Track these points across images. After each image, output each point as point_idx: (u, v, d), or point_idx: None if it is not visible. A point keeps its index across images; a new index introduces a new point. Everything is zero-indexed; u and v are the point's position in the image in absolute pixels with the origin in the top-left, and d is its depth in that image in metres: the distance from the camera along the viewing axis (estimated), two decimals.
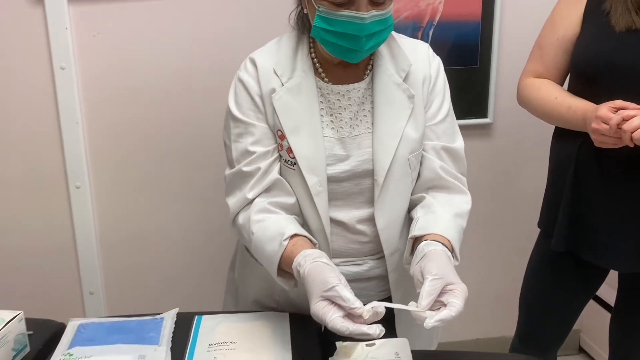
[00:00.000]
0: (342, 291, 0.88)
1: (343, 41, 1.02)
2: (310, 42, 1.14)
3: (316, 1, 1.02)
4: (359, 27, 1.00)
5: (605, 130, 1.14)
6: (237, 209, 1.12)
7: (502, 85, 1.90)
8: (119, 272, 1.88)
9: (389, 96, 1.11)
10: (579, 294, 1.43)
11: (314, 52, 1.13)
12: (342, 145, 1.12)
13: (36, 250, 1.82)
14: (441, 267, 0.93)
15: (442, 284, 0.89)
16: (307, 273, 0.94)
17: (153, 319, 1.13)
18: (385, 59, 1.13)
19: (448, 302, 0.87)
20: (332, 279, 0.90)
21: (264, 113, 1.11)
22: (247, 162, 1.10)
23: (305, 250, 0.98)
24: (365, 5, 1.00)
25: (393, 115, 1.11)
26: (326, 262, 0.96)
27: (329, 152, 1.11)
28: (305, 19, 1.11)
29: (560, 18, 1.37)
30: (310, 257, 0.96)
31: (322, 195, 1.10)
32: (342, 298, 0.87)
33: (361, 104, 1.13)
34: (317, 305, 0.89)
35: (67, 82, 1.68)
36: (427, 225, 1.06)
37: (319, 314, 0.88)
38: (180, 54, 1.71)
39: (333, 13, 1.01)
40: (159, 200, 1.83)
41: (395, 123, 1.11)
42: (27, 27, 1.63)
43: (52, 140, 1.73)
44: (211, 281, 1.91)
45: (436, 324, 0.85)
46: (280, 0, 1.63)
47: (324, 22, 1.02)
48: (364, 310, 0.86)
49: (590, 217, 1.31)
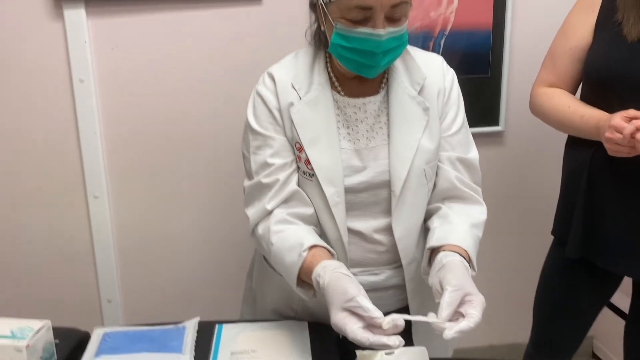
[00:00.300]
0: (363, 301, 0.90)
1: (360, 57, 1.05)
2: (326, 57, 1.16)
3: (334, 19, 1.04)
4: (376, 44, 1.03)
5: (619, 139, 1.15)
6: (257, 219, 1.14)
7: (513, 93, 1.91)
8: (137, 281, 1.91)
9: (404, 109, 1.14)
10: (593, 300, 1.44)
11: (330, 67, 1.16)
12: (359, 156, 1.14)
13: (55, 259, 1.85)
14: (459, 278, 0.95)
15: (461, 295, 0.91)
16: (327, 284, 0.96)
17: (175, 327, 1.15)
18: (400, 72, 1.15)
19: (466, 313, 0.89)
20: (352, 290, 0.92)
21: (282, 126, 1.14)
22: (266, 174, 1.13)
23: (325, 261, 1.01)
24: (381, 22, 1.02)
25: (408, 127, 1.13)
26: (345, 273, 0.98)
27: (346, 163, 1.13)
28: (322, 35, 1.14)
29: (573, 28, 1.38)
30: (329, 268, 0.98)
31: (340, 205, 1.12)
32: (362, 308, 0.89)
33: (377, 116, 1.15)
34: (338, 316, 0.91)
35: (85, 94, 1.71)
36: (444, 235, 1.08)
37: (340, 324, 0.90)
38: (197, 66, 1.74)
39: (350, 30, 1.03)
40: (176, 209, 1.86)
41: (411, 135, 1.13)
42: (47, 41, 1.66)
43: (71, 151, 1.76)
44: (228, 289, 1.93)
45: (455, 335, 0.87)
46: (292, 15, 1.72)
47: (342, 39, 1.04)
48: (384, 321, 0.88)
49: (604, 224, 1.32)
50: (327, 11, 1.05)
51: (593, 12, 1.34)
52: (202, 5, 1.70)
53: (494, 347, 2.16)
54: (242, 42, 1.74)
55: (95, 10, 1.66)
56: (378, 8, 1.00)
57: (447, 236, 1.07)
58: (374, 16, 1.01)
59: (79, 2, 1.64)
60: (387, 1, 0.99)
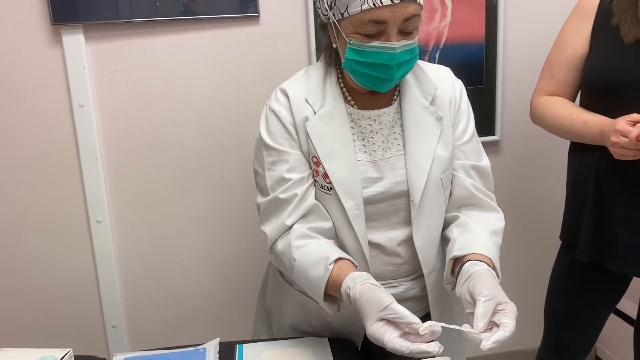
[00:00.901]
0: (398, 308, 0.91)
1: (374, 71, 1.07)
2: (337, 72, 1.18)
3: (347, 35, 1.06)
4: (390, 57, 1.04)
5: (625, 143, 1.18)
6: (275, 236, 1.14)
7: (508, 103, 1.95)
8: (142, 305, 1.89)
9: (417, 119, 1.16)
10: (603, 302, 1.46)
11: (342, 81, 1.18)
12: (376, 167, 1.15)
13: (58, 285, 1.82)
14: (490, 287, 0.96)
15: (494, 304, 0.92)
16: (359, 295, 0.96)
17: (195, 350, 1.14)
18: (411, 84, 1.17)
19: (500, 322, 0.91)
20: (386, 298, 0.93)
21: (297, 141, 1.15)
22: (284, 189, 1.13)
23: (353, 273, 1.01)
24: (395, 36, 1.04)
25: (423, 138, 1.15)
26: (375, 284, 0.98)
27: (364, 175, 1.14)
28: (334, 52, 1.15)
29: (568, 38, 1.42)
30: (359, 280, 0.99)
31: (360, 218, 1.13)
32: (399, 315, 0.90)
33: (391, 127, 1.16)
34: (374, 326, 0.91)
35: (86, 119, 1.70)
36: (466, 245, 1.09)
37: (377, 334, 0.91)
38: (197, 89, 1.75)
39: (365, 45, 1.05)
40: (179, 232, 1.85)
41: (426, 144, 1.15)
42: (47, 67, 1.66)
43: (73, 176, 1.75)
44: (235, 310, 1.93)
45: (493, 345, 0.88)
46: (289, 33, 1.74)
47: (356, 54, 1.06)
48: (421, 327, 0.89)
49: (614, 227, 1.34)
50: (340, 28, 1.06)
51: (588, 22, 1.38)
52: (199, 27, 1.71)
53: (498, 355, 2.17)
54: (240, 62, 1.75)
55: (94, 35, 1.66)
56: (391, 22, 1.02)
57: (470, 245, 1.08)
58: (387, 30, 1.03)
59: (78, 27, 1.64)
60: (400, 15, 1.02)
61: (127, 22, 1.66)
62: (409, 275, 1.21)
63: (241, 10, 1.71)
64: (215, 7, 1.69)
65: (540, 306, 1.64)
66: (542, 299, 1.61)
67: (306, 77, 1.19)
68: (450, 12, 1.85)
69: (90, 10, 1.63)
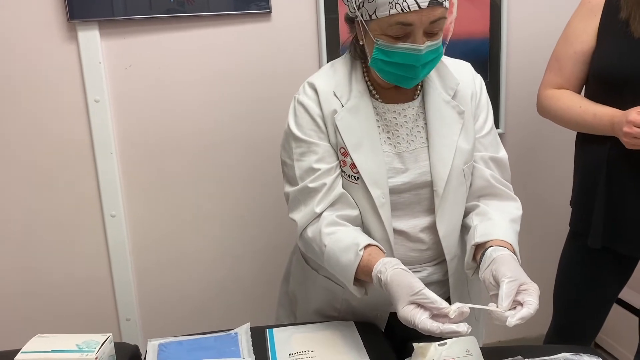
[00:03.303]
0: (429, 293, 0.96)
1: (400, 71, 1.11)
2: (363, 67, 1.22)
3: (375, 35, 1.10)
4: (416, 58, 1.08)
5: (637, 133, 1.24)
6: (305, 223, 1.18)
7: (512, 97, 2.01)
8: (155, 298, 1.92)
9: (440, 113, 1.20)
10: (613, 285, 1.52)
11: (367, 76, 1.22)
12: (400, 159, 1.19)
13: (72, 278, 1.84)
14: (513, 270, 1.00)
15: (517, 285, 0.97)
16: (391, 279, 1.01)
17: (227, 334, 1.18)
18: (434, 79, 1.22)
19: (524, 300, 0.95)
20: (417, 283, 0.98)
21: (325, 133, 1.18)
22: (313, 179, 1.17)
23: (384, 259, 1.05)
24: (421, 38, 1.07)
25: (446, 131, 1.19)
26: (405, 269, 1.03)
27: (389, 165, 1.18)
28: (359, 48, 1.19)
29: (575, 32, 1.47)
30: (390, 265, 1.03)
31: (386, 206, 1.17)
32: (429, 300, 0.95)
33: (415, 120, 1.21)
34: (406, 308, 0.96)
35: (101, 114, 1.72)
36: (487, 232, 1.13)
37: (408, 316, 0.95)
38: (210, 82, 1.78)
39: (391, 46, 1.09)
40: (193, 226, 1.88)
41: (448, 137, 1.19)
42: (62, 63, 1.68)
43: (87, 170, 1.77)
44: (248, 303, 1.96)
45: (518, 322, 0.93)
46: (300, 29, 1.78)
47: (383, 54, 1.10)
48: (451, 310, 0.93)
49: (626, 213, 1.40)
50: (368, 28, 1.10)
51: (595, 17, 1.43)
52: (212, 23, 1.74)
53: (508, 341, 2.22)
54: (253, 57, 1.78)
55: (109, 31, 1.68)
56: (418, 24, 1.05)
57: (491, 232, 1.13)
58: (414, 32, 1.06)
59: (93, 23, 1.66)
60: (426, 18, 1.05)
61: (142, 18, 1.68)
62: (432, 260, 1.25)
63: (253, 6, 1.74)
64: (228, 4, 1.72)
65: (547, 293, 1.69)
66: (548, 286, 1.67)
67: (333, 71, 1.22)
68: (455, 9, 1.90)
69: (106, 6, 1.65)
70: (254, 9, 1.74)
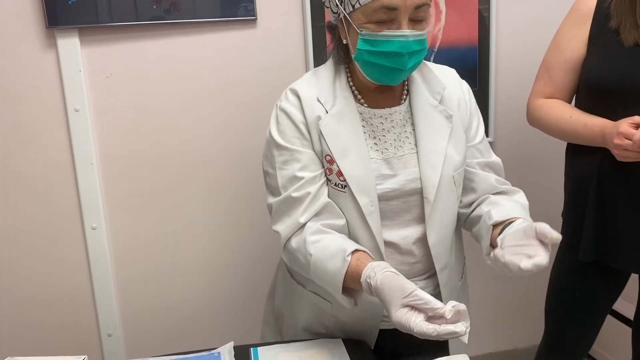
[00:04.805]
0: (422, 294, 0.92)
1: (386, 61, 1.07)
2: (347, 72, 1.19)
3: (359, 25, 1.07)
4: (402, 44, 1.06)
5: (628, 145, 1.21)
6: (289, 234, 1.14)
7: (501, 105, 1.99)
8: (137, 313, 1.86)
9: (428, 118, 1.17)
10: (604, 300, 1.49)
11: (351, 81, 1.18)
12: (389, 165, 1.16)
13: (53, 292, 1.78)
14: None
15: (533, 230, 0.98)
16: (381, 283, 0.96)
17: (210, 354, 1.13)
18: (419, 83, 1.20)
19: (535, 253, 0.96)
20: (408, 285, 0.94)
21: (309, 140, 1.15)
22: (296, 188, 1.13)
23: (372, 263, 1.02)
24: (406, 24, 1.06)
25: (434, 136, 1.17)
26: (395, 272, 0.99)
27: (377, 172, 1.15)
28: (342, 51, 1.16)
29: (566, 41, 1.44)
30: (379, 268, 0.99)
31: (374, 214, 1.14)
32: (423, 301, 0.91)
33: (403, 126, 1.18)
34: (399, 312, 0.92)
35: (81, 124, 1.68)
36: (504, 213, 1.12)
37: (402, 320, 0.91)
38: (193, 91, 1.73)
39: (377, 34, 1.06)
40: (176, 238, 1.83)
41: (437, 142, 1.17)
42: (41, 71, 1.63)
43: (67, 182, 1.72)
44: (234, 317, 1.91)
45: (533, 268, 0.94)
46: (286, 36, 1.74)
47: (368, 44, 1.07)
48: (446, 310, 0.89)
49: (617, 226, 1.37)
50: (351, 20, 1.08)
51: (585, 25, 1.40)
52: (196, 31, 1.70)
53: (492, 354, 2.20)
54: (238, 65, 1.75)
55: (89, 39, 1.64)
56: (403, 8, 1.04)
57: (507, 213, 1.11)
58: (398, 17, 1.05)
59: (73, 30, 1.61)
60: (411, 2, 1.04)
61: (123, 25, 1.64)
62: (423, 274, 1.22)
63: (239, 13, 1.70)
64: (214, 10, 1.68)
65: (538, 305, 1.66)
66: (539, 297, 1.64)
67: (316, 78, 1.19)
68: (444, 17, 1.87)
69: (86, 13, 1.60)
70: (239, 15, 1.71)
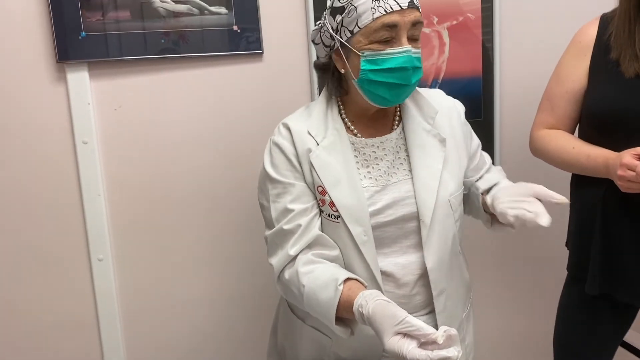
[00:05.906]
0: (414, 320, 0.92)
1: (392, 77, 1.10)
2: (339, 104, 1.21)
3: (360, 48, 1.10)
4: (407, 59, 1.09)
5: (632, 176, 1.21)
6: (281, 266, 1.14)
7: (506, 134, 1.99)
8: (143, 346, 1.85)
9: (421, 142, 1.19)
10: (613, 333, 1.47)
11: (344, 112, 1.20)
12: (383, 193, 1.17)
13: (58, 324, 1.78)
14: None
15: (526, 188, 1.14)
16: (373, 312, 0.97)
17: None
18: (411, 109, 1.22)
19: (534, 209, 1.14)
20: (400, 312, 0.94)
21: (301, 172, 1.16)
22: (287, 220, 1.14)
23: (363, 292, 1.02)
24: (406, 41, 1.10)
25: (429, 160, 1.19)
26: (386, 299, 0.99)
27: (370, 201, 1.16)
28: (336, 82, 1.19)
29: (567, 72, 1.45)
30: (370, 297, 0.99)
31: (369, 244, 1.14)
32: (415, 328, 0.91)
33: (396, 152, 1.20)
34: (392, 340, 0.92)
35: (89, 156, 1.70)
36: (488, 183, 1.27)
37: (395, 348, 0.91)
38: (201, 125, 1.76)
39: (380, 52, 1.09)
40: (182, 271, 1.83)
41: (432, 166, 1.19)
42: (50, 104, 1.65)
43: (74, 213, 1.73)
44: (241, 352, 1.90)
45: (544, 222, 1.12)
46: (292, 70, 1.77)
47: (372, 63, 1.10)
48: (438, 335, 0.90)
49: (623, 258, 1.36)
50: (350, 46, 1.10)
51: (585, 57, 1.42)
52: (203, 64, 1.73)
53: None
54: (244, 99, 1.77)
55: (98, 72, 1.67)
56: (402, 25, 1.08)
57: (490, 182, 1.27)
58: (398, 34, 1.09)
59: (82, 64, 1.65)
60: (408, 18, 1.08)
61: (132, 59, 1.67)
62: (422, 309, 1.21)
63: (246, 47, 1.73)
64: (222, 44, 1.71)
65: (546, 339, 1.64)
66: (547, 332, 1.62)
67: (307, 112, 1.22)
68: (448, 48, 1.89)
69: (96, 48, 1.64)
70: (246, 50, 1.74)
